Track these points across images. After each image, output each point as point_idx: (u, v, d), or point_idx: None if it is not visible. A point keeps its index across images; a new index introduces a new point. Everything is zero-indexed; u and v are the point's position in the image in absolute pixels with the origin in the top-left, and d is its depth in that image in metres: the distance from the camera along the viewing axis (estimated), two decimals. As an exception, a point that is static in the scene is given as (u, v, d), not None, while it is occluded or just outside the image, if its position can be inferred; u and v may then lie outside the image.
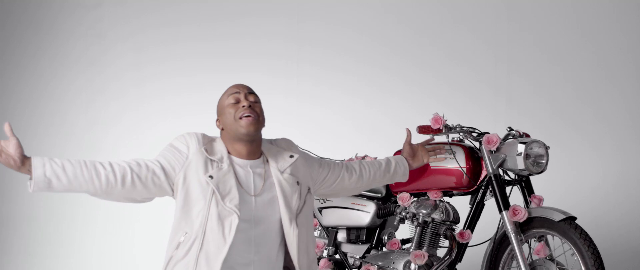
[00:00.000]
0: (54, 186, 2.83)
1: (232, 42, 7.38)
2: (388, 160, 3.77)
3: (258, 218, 3.13)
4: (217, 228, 3.02)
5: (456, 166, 4.14)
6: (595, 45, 6.67)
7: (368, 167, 3.67)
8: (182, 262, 3.06)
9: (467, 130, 4.15)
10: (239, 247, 3.07)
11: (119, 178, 2.93)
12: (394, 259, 4.26)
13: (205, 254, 3.02)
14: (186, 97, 7.28)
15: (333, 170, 3.52)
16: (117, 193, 2.96)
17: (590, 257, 3.67)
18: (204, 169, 3.06)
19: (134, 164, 3.00)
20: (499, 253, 4.09)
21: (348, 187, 3.60)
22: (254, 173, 3.18)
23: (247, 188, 3.13)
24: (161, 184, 3.04)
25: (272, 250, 3.18)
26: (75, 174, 2.86)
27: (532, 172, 4.02)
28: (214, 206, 3.02)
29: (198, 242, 3.03)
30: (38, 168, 2.79)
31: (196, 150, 3.10)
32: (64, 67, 7.52)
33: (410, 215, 4.30)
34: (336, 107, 7.15)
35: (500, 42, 6.83)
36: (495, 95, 6.81)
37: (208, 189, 3.04)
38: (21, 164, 2.77)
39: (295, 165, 3.27)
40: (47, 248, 7.19)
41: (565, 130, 6.58)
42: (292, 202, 3.18)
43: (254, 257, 3.12)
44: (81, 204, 7.21)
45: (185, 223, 3.07)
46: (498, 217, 4.01)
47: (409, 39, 7.06)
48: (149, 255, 6.62)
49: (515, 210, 3.91)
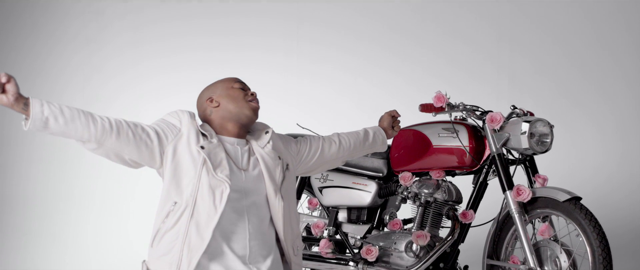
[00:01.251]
0: (50, 126, 2.82)
1: (232, 20, 7.32)
2: (366, 130, 3.83)
3: (247, 190, 3.18)
4: (208, 197, 3.05)
5: (459, 145, 4.10)
6: (598, 23, 6.67)
7: (346, 137, 3.73)
8: (171, 232, 3.08)
9: (470, 109, 4.09)
10: (231, 215, 3.11)
11: (114, 128, 2.94)
12: (396, 240, 4.23)
13: (196, 222, 3.04)
14: (185, 75, 7.25)
15: (311, 144, 3.60)
16: (110, 144, 2.96)
17: (596, 238, 3.63)
18: (196, 140, 3.11)
19: (130, 122, 3.03)
20: (502, 233, 4.06)
21: (329, 158, 3.66)
22: (241, 150, 3.25)
23: (237, 162, 3.20)
24: (152, 148, 3.05)
25: (264, 223, 3.23)
26: (73, 117, 2.86)
27: (536, 151, 3.97)
28: (204, 175, 3.06)
29: (188, 211, 3.05)
30: (36, 106, 2.79)
31: (188, 123, 3.15)
32: (61, 45, 7.49)
33: (412, 195, 4.26)
34: (336, 85, 7.14)
35: (503, 20, 6.81)
36: (498, 73, 6.80)
37: (199, 158, 3.07)
38: (15, 100, 2.75)
39: (274, 141, 3.35)
40: (43, 227, 7.17)
41: (568, 109, 6.59)
42: (276, 175, 3.26)
43: (248, 226, 3.16)
44: (77, 184, 7.26)
45: (174, 193, 3.09)
46: (501, 197, 3.98)
47: (409, 17, 7.05)
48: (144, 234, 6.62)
49: (519, 190, 3.86)
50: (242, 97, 3.28)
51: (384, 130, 3.89)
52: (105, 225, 7.08)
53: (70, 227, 7.11)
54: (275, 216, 3.25)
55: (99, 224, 7.11)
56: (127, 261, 6.29)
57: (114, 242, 6.82)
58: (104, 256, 6.67)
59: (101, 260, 6.58)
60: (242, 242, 3.14)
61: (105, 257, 6.66)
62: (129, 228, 6.93)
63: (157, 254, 3.12)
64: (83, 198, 7.27)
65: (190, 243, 3.04)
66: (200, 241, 3.03)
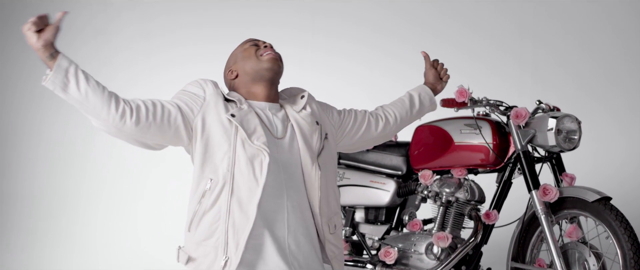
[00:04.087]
0: (70, 90, 2.66)
1: (245, 11, 7.32)
2: (410, 95, 3.59)
3: (285, 162, 2.97)
4: (246, 170, 2.84)
5: (482, 142, 4.01)
6: (620, 18, 6.70)
7: (391, 110, 3.50)
8: (210, 213, 2.87)
9: (494, 104, 4.01)
10: (271, 191, 2.89)
11: (134, 115, 2.75)
12: (415, 241, 4.14)
13: (237, 199, 2.84)
14: (198, 67, 7.12)
15: (356, 116, 3.37)
16: (129, 131, 2.77)
17: (627, 241, 3.55)
18: (224, 109, 2.91)
19: (149, 103, 2.83)
20: (528, 235, 3.98)
21: (375, 135, 3.44)
22: (274, 115, 3.05)
23: (271, 129, 3.01)
24: (177, 127, 2.85)
25: (302, 199, 3.01)
26: (96, 90, 2.69)
27: (563, 148, 3.87)
28: (240, 146, 2.86)
29: (227, 188, 2.84)
30: (63, 62, 2.65)
31: (213, 92, 2.95)
32: (68, 36, 7.30)
33: (433, 195, 4.16)
34: (352, 78, 7.08)
35: (524, 14, 6.79)
36: (520, 68, 6.72)
37: (231, 128, 2.88)
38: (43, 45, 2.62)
39: (311, 105, 3.15)
40: (49, 225, 7.10)
41: (591, 105, 6.55)
42: (313, 142, 3.05)
43: (287, 203, 2.94)
44: (84, 182, 7.21)
45: (209, 169, 2.88)
46: (526, 196, 3.91)
47: (429, 11, 7.05)
48: (153, 233, 6.53)
49: (545, 190, 3.78)
50: (254, 53, 3.09)
51: (432, 86, 3.64)
52: (113, 224, 7.01)
53: (77, 226, 7.04)
54: (310, 188, 3.01)
55: (106, 223, 7.04)
56: (136, 261, 6.21)
57: (123, 242, 6.74)
58: (112, 256, 6.59)
59: (109, 260, 6.49)
60: (281, 223, 2.93)
61: (113, 257, 6.57)
62: (138, 227, 6.86)
63: (198, 239, 2.90)
64: (90, 196, 7.21)
65: (234, 223, 2.83)
66: (245, 220, 2.83)
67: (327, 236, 3.08)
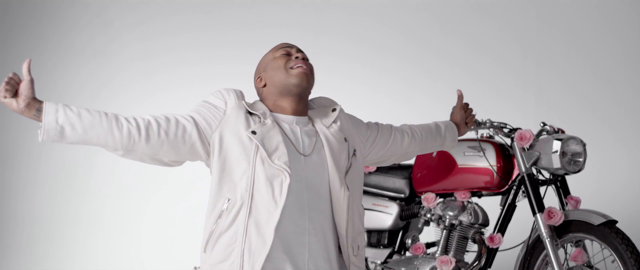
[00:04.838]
0: (67, 135, 2.55)
1: (246, 32, 7.29)
2: (436, 124, 3.49)
3: (309, 181, 2.83)
4: (265, 190, 2.72)
5: (486, 164, 3.99)
6: (625, 39, 6.66)
7: (418, 129, 3.39)
8: (227, 234, 2.76)
9: (498, 126, 4.00)
10: (292, 212, 2.77)
11: (143, 133, 2.65)
12: (418, 265, 4.11)
13: (255, 221, 2.72)
14: (199, 88, 7.08)
15: (382, 131, 3.25)
16: (141, 150, 2.67)
17: (634, 265, 3.51)
18: (246, 124, 2.79)
19: (162, 119, 2.73)
20: (532, 259, 3.94)
21: (400, 151, 3.32)
22: (301, 130, 2.92)
23: (297, 145, 2.87)
24: (193, 143, 2.74)
25: (326, 220, 2.89)
26: (93, 123, 2.58)
27: (568, 171, 3.86)
28: (259, 165, 2.73)
29: (245, 208, 2.73)
30: (50, 113, 2.52)
31: (235, 105, 2.83)
32: (68, 57, 7.46)
33: (436, 218, 4.15)
34: (355, 99, 7.00)
35: (528, 34, 6.78)
36: (524, 90, 6.71)
37: (251, 146, 2.75)
38: (25, 106, 2.50)
39: (341, 120, 3.03)
40: (49, 248, 7.09)
41: (595, 126, 6.49)
42: (341, 161, 2.91)
43: (309, 225, 2.82)
44: (85, 203, 7.17)
45: (227, 188, 2.77)
46: (531, 219, 3.86)
47: (431, 30, 7.02)
48: (155, 257, 6.49)
49: (550, 213, 3.76)
50: (284, 65, 2.92)
51: (456, 125, 3.56)
52: (114, 246, 6.99)
53: (78, 248, 7.04)
54: (337, 209, 2.87)
55: (108, 245, 7.02)
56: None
57: (125, 265, 6.70)
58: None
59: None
60: (301, 248, 2.81)
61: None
62: (141, 249, 6.83)
63: (214, 261, 2.79)
64: (92, 219, 7.17)
65: (250, 246, 2.72)
66: (261, 243, 2.72)
67: (352, 259, 2.97)
